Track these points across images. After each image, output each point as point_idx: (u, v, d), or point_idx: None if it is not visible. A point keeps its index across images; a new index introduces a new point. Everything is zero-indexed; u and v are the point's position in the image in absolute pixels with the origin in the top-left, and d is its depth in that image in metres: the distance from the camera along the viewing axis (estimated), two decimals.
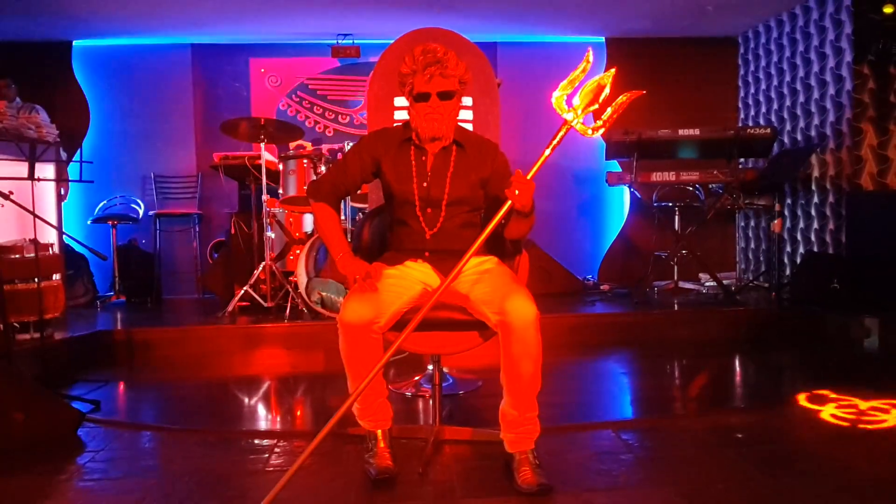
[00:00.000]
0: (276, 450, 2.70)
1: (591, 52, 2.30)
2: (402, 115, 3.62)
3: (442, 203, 2.46)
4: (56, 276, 4.32)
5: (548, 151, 2.26)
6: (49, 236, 4.67)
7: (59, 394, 3.32)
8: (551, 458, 2.46)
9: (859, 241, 5.01)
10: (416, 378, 3.66)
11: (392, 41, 3.72)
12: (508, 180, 2.36)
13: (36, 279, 3.90)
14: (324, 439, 2.14)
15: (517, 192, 2.19)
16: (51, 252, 4.29)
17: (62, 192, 5.85)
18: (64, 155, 5.88)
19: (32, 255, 3.91)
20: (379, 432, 2.44)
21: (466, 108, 3.67)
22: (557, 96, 2.27)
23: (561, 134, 2.27)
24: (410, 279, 2.42)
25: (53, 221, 4.97)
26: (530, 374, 2.23)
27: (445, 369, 3.61)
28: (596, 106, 2.28)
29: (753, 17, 6.44)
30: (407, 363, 3.99)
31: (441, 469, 2.44)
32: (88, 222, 6.56)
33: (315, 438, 2.12)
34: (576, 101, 2.28)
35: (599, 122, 2.25)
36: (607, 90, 2.28)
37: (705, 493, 2.18)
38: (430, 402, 3.29)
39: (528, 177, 2.22)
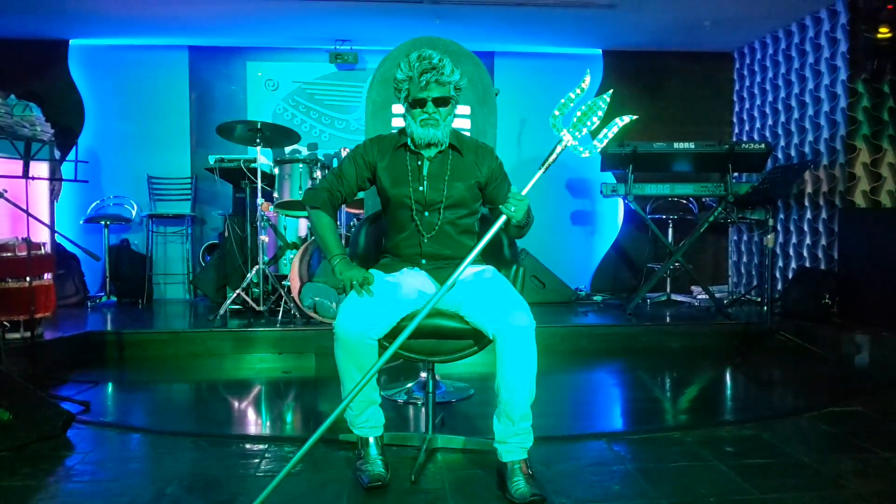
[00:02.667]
0: (267, 455, 2.68)
1: (588, 75, 2.37)
2: (400, 122, 3.62)
3: (439, 206, 2.47)
4: (47, 276, 4.29)
5: (542, 170, 2.33)
6: (41, 235, 4.65)
7: (48, 394, 3.29)
8: (543, 469, 2.46)
9: (851, 258, 5.04)
10: (409, 385, 3.66)
11: (390, 48, 3.73)
12: (504, 185, 2.45)
13: (27, 278, 3.87)
14: (315, 445, 2.13)
15: (513, 208, 2.26)
16: (43, 251, 4.27)
17: (55, 190, 5.83)
18: (58, 154, 5.85)
19: (24, 253, 3.89)
20: (371, 439, 2.44)
21: (464, 116, 3.68)
22: (555, 115, 2.34)
23: (556, 153, 2.34)
24: (407, 286, 2.42)
25: (46, 220, 4.94)
26: (526, 384, 2.24)
27: (437, 377, 3.61)
28: (592, 126, 2.34)
29: (750, 33, 6.48)
30: (399, 370, 3.99)
31: (433, 477, 2.44)
32: (81, 222, 6.52)
33: (306, 444, 2.11)
34: (572, 121, 2.35)
35: (594, 144, 2.33)
36: (603, 112, 2.34)
37: None
38: (423, 409, 3.29)
39: (523, 193, 2.30)
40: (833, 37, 5.47)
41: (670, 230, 6.34)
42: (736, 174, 5.64)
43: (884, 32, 4.78)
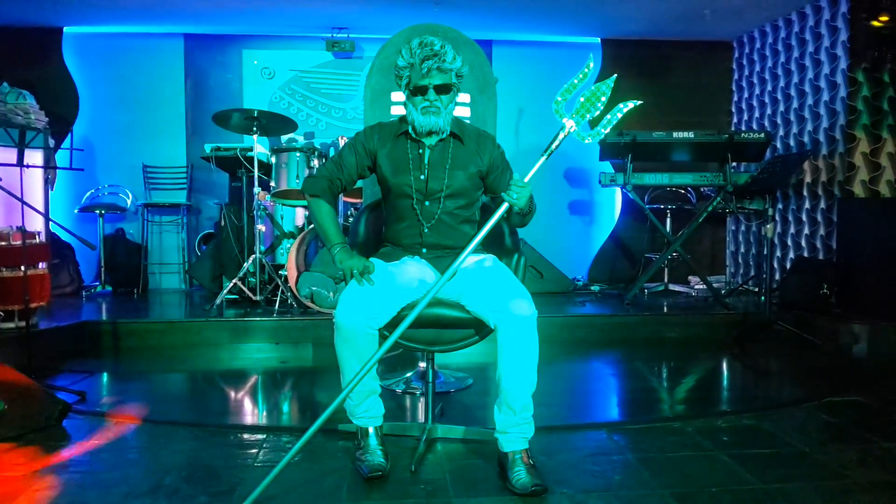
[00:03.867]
0: (266, 445, 2.66)
1: (592, 61, 2.35)
2: (399, 110, 3.59)
3: (440, 196, 2.44)
4: (42, 265, 4.26)
5: (545, 157, 2.32)
6: (36, 224, 4.61)
7: (44, 384, 3.26)
8: (544, 459, 2.44)
9: (849, 248, 5.04)
10: (407, 375, 3.64)
11: (387, 36, 3.69)
12: (506, 174, 2.43)
13: (22, 267, 3.83)
14: (314, 435, 2.11)
15: (515, 196, 2.25)
16: (37, 240, 4.23)
17: (49, 179, 5.78)
18: (52, 142, 5.80)
19: (19, 242, 3.85)
20: (371, 429, 2.42)
21: (464, 105, 3.64)
22: (558, 101, 2.32)
23: (559, 139, 2.32)
24: (407, 275, 2.40)
25: (41, 209, 4.90)
26: (527, 373, 2.22)
27: (435, 366, 3.59)
28: (595, 112, 2.32)
29: (749, 22, 6.45)
30: (396, 360, 3.96)
31: (433, 467, 2.42)
32: (75, 211, 6.48)
33: (306, 433, 2.09)
34: (575, 107, 2.33)
35: (597, 130, 2.31)
36: (606, 98, 2.32)
37: (699, 497, 2.17)
38: (422, 399, 3.28)
39: (525, 180, 2.27)
40: (833, 25, 5.44)
41: (668, 220, 6.33)
42: (734, 164, 5.62)
43: (884, 20, 4.75)
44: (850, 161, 5.21)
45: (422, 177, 2.44)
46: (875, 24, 4.80)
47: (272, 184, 5.23)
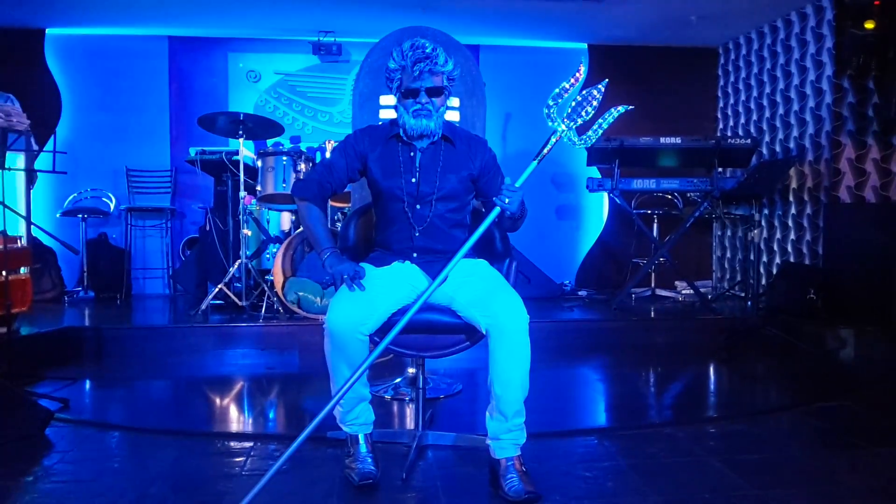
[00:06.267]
0: (253, 453, 2.62)
1: (583, 66, 2.35)
2: (387, 113, 3.56)
3: (431, 199, 2.42)
4: (24, 270, 4.18)
5: (536, 161, 2.31)
6: (17, 228, 4.54)
7: (25, 391, 3.20)
8: (535, 465, 2.42)
9: (836, 253, 5.06)
10: (396, 381, 3.61)
11: (374, 39, 3.67)
12: (498, 178, 2.41)
13: (3, 272, 3.76)
14: (303, 443, 2.08)
15: (507, 200, 2.21)
16: (19, 244, 4.16)
17: (33, 181, 5.70)
18: (35, 147, 5.71)
19: (0, 247, 3.78)
20: (361, 436, 2.39)
21: (453, 109, 3.62)
22: (549, 105, 2.31)
23: (550, 144, 2.31)
24: (398, 280, 2.37)
25: (22, 213, 4.82)
26: (520, 379, 2.20)
27: None
28: (586, 117, 2.32)
29: (735, 28, 6.48)
30: (385, 366, 3.93)
31: (424, 475, 2.39)
32: (57, 215, 6.38)
33: (295, 441, 2.06)
34: (566, 111, 2.32)
35: (589, 134, 2.31)
36: (598, 102, 2.32)
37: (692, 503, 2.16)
38: (412, 405, 3.25)
39: (517, 185, 2.25)
40: (819, 33, 5.48)
41: (655, 225, 6.34)
42: (721, 169, 5.64)
43: (869, 27, 4.78)
44: (836, 167, 5.24)
45: (413, 180, 2.42)
46: (860, 31, 4.83)
47: (258, 188, 5.18)
